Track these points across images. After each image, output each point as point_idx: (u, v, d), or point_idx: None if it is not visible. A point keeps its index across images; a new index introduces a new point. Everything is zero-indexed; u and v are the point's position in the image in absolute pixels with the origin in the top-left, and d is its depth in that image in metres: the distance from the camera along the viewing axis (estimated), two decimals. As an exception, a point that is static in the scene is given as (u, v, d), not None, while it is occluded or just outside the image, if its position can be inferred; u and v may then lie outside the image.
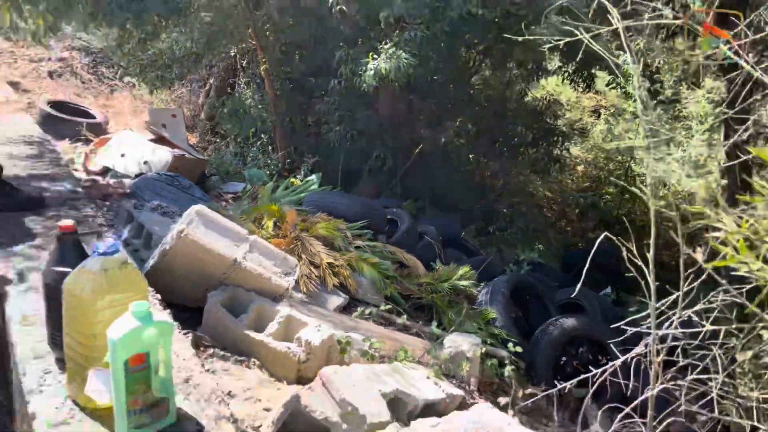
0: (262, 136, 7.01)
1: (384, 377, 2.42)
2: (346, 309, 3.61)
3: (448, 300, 4.06)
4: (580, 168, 10.31)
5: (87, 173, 4.52)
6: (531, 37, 2.45)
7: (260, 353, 2.43)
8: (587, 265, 2.04)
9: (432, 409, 2.49)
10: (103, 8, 4.00)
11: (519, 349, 3.19)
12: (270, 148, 6.94)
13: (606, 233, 1.84)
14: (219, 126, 7.15)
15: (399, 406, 2.33)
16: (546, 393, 2.47)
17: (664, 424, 1.76)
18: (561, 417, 3.16)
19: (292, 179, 5.58)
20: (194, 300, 2.64)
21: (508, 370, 2.96)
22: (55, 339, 1.70)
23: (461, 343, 3.07)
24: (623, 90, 8.41)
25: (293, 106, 7.10)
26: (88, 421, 1.51)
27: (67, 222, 1.68)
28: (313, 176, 5.72)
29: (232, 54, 6.88)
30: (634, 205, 8.63)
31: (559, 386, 2.13)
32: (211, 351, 2.35)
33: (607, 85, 9.10)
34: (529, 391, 2.98)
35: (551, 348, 3.82)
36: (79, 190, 3.08)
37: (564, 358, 3.84)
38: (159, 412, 1.50)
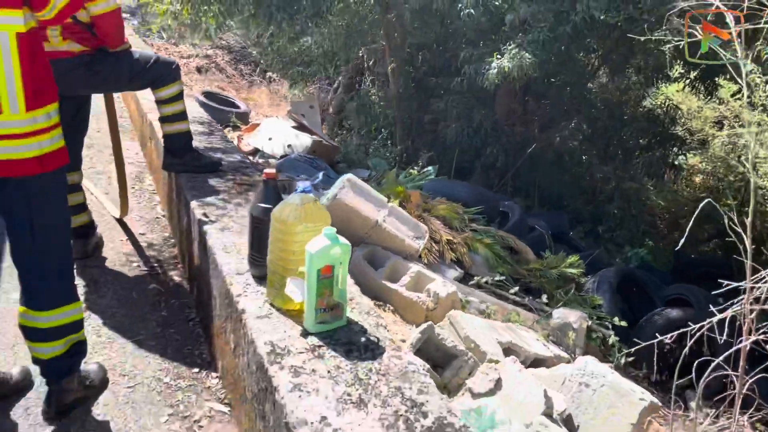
0: (383, 130, 7.55)
1: (500, 330, 2.79)
2: (461, 282, 3.99)
3: (555, 285, 4.34)
4: (697, 179, 10.06)
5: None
6: (653, 37, 2.71)
7: (394, 300, 2.88)
8: (698, 274, 2.28)
9: (541, 364, 2.83)
10: (264, 10, 4.64)
11: (624, 323, 3.43)
12: (390, 142, 7.46)
13: (721, 244, 2.10)
14: (345, 120, 7.76)
15: (511, 355, 2.69)
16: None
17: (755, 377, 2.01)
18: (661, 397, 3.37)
19: (410, 170, 6.04)
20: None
21: (612, 339, 3.23)
22: (254, 260, 2.22)
23: (569, 315, 3.37)
24: (749, 100, 8.20)
25: (413, 103, 7.58)
26: (282, 317, 2.00)
27: (271, 170, 2.19)
28: (430, 167, 6.16)
29: (361, 54, 7.47)
30: (755, 218, 8.37)
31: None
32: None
33: (733, 95, 8.87)
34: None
35: (655, 336, 3.99)
36: (246, 160, 3.69)
37: (667, 347, 4.00)
38: (335, 315, 1.96)
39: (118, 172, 3.55)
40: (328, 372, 1.72)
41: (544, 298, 3.72)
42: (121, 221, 3.67)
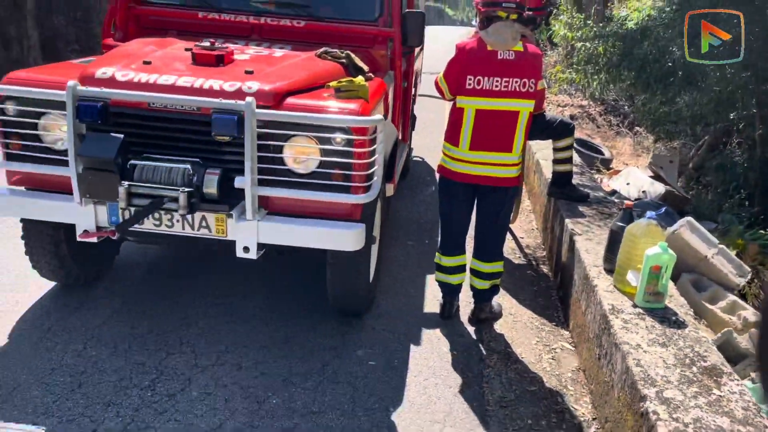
0: (742, 191, 7.77)
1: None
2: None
3: None
4: None
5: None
6: None
7: (707, 316, 3.72)
8: None
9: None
10: (642, 80, 5.74)
11: None
12: (747, 203, 7.66)
13: None
14: (703, 176, 8.20)
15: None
16: None
17: None
18: None
19: (760, 231, 6.34)
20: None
21: None
22: (607, 258, 3.41)
23: None
24: None
25: (781, 168, 7.62)
26: (620, 295, 3.15)
27: (629, 201, 3.37)
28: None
29: (731, 117, 7.86)
30: None
31: None
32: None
33: None
34: None
35: None
36: (608, 197, 4.87)
37: None
38: (657, 299, 3.02)
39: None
40: (645, 326, 2.84)
41: None
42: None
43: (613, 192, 6.34)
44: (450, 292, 3.63)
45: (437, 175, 3.59)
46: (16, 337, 3.13)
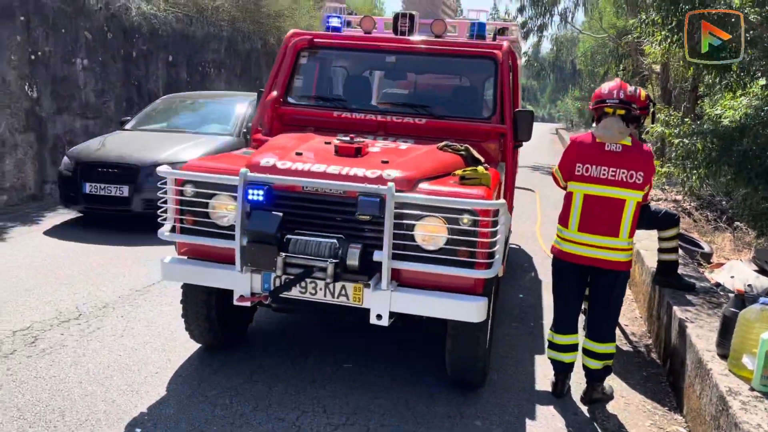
0: None
1: None
2: None
3: None
4: None
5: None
6: None
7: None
8: None
9: None
10: (743, 176, 5.84)
11: None
12: None
13: None
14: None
15: None
16: None
17: None
18: None
19: None
20: None
21: None
22: (720, 343, 3.49)
23: None
24: None
25: None
26: (736, 378, 3.21)
27: (741, 289, 3.48)
28: None
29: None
30: None
31: None
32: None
33: None
34: None
35: None
36: (714, 288, 4.91)
37: None
38: (775, 383, 3.08)
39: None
40: (765, 408, 2.89)
41: None
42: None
43: (718, 285, 6.30)
44: (562, 370, 3.78)
45: (550, 256, 3.85)
46: (172, 390, 3.55)
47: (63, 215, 7.86)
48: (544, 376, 3.98)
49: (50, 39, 8.89)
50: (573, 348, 3.75)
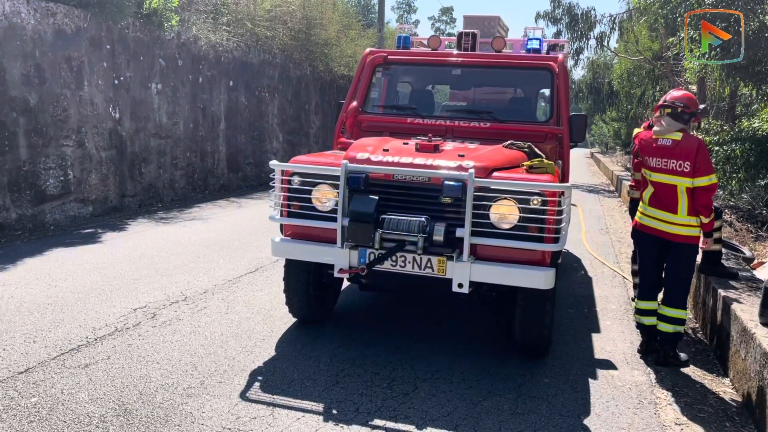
0: None
1: None
2: None
3: None
4: None
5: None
6: None
7: None
8: None
9: None
10: None
11: None
12: None
13: None
14: None
15: None
16: None
17: None
18: None
19: None
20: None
21: None
22: (763, 313, 3.92)
23: None
24: None
25: None
26: (778, 339, 3.64)
27: (780, 263, 3.92)
28: None
29: None
30: None
31: None
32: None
33: None
34: None
35: None
36: (756, 276, 5.31)
37: None
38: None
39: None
40: (804, 359, 3.33)
41: None
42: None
43: (759, 281, 6.65)
44: (644, 331, 4.45)
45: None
46: (280, 351, 4.14)
47: (144, 223, 8.63)
48: (601, 349, 4.46)
49: (131, 65, 9.79)
50: (652, 313, 4.36)
